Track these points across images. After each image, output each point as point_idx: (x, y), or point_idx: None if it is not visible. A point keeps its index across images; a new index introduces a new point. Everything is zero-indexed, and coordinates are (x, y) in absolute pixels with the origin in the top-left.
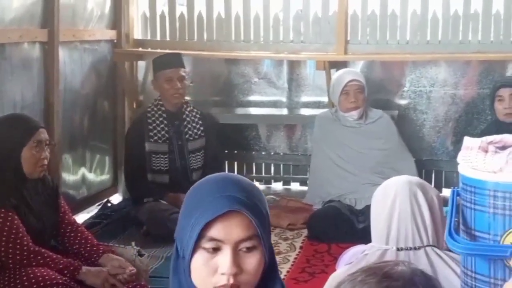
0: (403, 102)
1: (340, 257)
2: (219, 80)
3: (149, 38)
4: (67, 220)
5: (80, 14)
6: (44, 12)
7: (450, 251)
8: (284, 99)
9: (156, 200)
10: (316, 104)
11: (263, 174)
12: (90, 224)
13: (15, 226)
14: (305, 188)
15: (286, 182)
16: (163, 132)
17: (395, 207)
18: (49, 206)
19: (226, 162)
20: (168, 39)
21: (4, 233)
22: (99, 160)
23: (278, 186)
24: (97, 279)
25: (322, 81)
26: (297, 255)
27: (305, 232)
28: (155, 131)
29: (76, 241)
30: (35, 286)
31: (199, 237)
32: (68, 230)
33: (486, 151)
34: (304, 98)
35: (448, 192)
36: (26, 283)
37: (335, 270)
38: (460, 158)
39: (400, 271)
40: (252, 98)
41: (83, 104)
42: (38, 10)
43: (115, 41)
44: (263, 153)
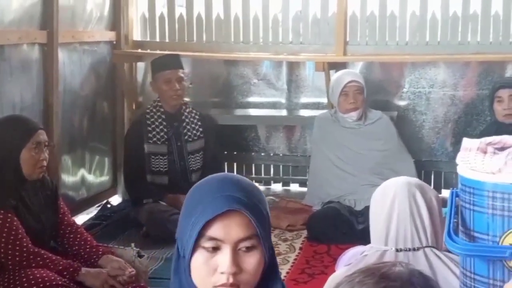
0: (402, 103)
1: (339, 258)
2: (218, 81)
3: (148, 39)
4: (67, 221)
5: (80, 15)
6: (43, 13)
7: (449, 252)
8: (283, 100)
9: (155, 201)
10: (316, 105)
11: (263, 175)
12: (90, 225)
13: (14, 228)
14: (304, 189)
15: (286, 183)
16: (162, 134)
17: (394, 208)
18: (48, 207)
19: (226, 163)
20: (167, 40)
21: (4, 234)
22: (98, 161)
23: (277, 187)
24: (96, 280)
25: (321, 82)
26: (296, 256)
27: (304, 233)
28: (154, 133)
29: (76, 242)
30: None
31: (199, 236)
32: (67, 231)
33: (485, 152)
34: (304, 99)
35: (447, 193)
36: (25, 285)
37: (335, 271)
38: (459, 159)
39: (398, 271)
40: (251, 99)
41: (82, 105)
42: (37, 11)
43: (115, 42)
44: (262, 154)
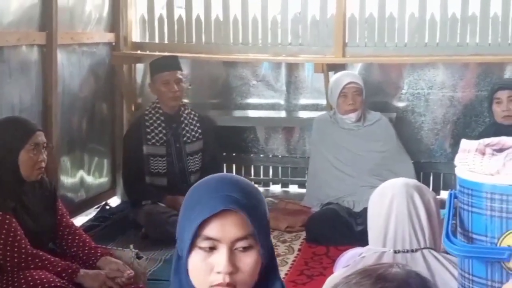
0: (401, 104)
1: (337, 259)
2: (217, 82)
3: (147, 40)
4: (65, 223)
5: (78, 17)
6: (42, 15)
7: (448, 253)
8: (282, 102)
9: (154, 202)
10: (314, 107)
11: (262, 177)
12: (89, 226)
13: (13, 229)
14: (303, 190)
15: (285, 185)
16: (161, 135)
17: (392, 209)
18: (47, 209)
19: (224, 165)
20: (166, 41)
21: (2, 236)
22: (97, 163)
23: (276, 188)
24: (95, 282)
25: (320, 83)
26: (295, 257)
27: (303, 234)
28: (152, 134)
29: (74, 243)
30: None
31: (196, 236)
32: (66, 233)
33: (483, 154)
34: (302, 101)
35: (446, 194)
36: (24, 286)
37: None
38: (457, 161)
39: (394, 273)
40: (250, 100)
41: (81, 106)
42: (36, 13)
43: (114, 43)
44: (261, 155)
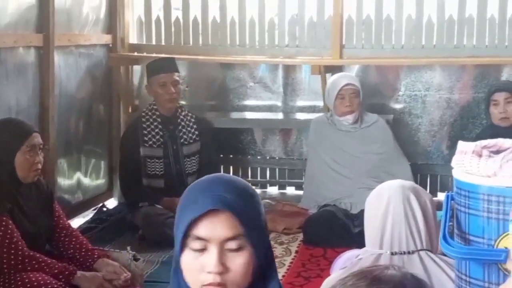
0: (398, 106)
1: (334, 261)
2: (214, 84)
3: (144, 42)
4: (62, 225)
5: (76, 18)
6: (39, 16)
7: (445, 255)
8: (279, 104)
9: (151, 204)
10: (312, 109)
11: (259, 179)
12: (85, 228)
13: (9, 231)
14: (300, 192)
15: (282, 187)
16: (158, 137)
17: (388, 211)
18: (43, 211)
19: (222, 167)
20: (163, 43)
21: None
22: (94, 165)
23: (273, 190)
24: (92, 284)
25: (317, 85)
26: (292, 259)
27: (300, 236)
28: (149, 136)
29: (71, 245)
30: None
31: (187, 236)
32: (62, 235)
33: (480, 156)
34: (300, 103)
35: (443, 196)
36: None
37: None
38: (454, 163)
39: (390, 274)
40: (247, 102)
41: (78, 108)
42: (33, 14)
43: (111, 45)
44: (258, 157)
